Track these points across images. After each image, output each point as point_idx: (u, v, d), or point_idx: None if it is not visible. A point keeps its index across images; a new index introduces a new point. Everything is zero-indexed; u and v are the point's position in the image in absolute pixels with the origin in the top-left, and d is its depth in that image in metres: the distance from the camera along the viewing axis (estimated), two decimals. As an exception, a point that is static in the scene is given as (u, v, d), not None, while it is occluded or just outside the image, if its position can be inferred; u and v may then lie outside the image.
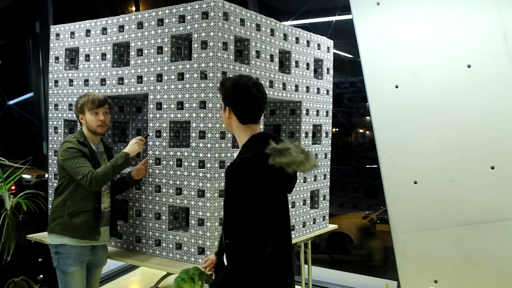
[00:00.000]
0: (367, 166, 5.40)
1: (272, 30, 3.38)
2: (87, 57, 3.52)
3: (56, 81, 3.73)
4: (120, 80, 3.33)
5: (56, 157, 3.70)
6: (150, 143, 3.17)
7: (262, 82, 3.28)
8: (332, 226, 4.13)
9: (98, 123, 3.00)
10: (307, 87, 3.76)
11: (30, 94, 5.13)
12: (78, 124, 3.30)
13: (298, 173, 2.15)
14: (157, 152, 3.13)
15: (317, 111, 3.88)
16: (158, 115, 3.14)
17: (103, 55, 3.44)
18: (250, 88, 2.08)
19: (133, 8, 6.23)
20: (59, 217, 2.91)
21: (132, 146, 3.03)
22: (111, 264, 4.98)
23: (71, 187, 2.92)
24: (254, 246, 1.88)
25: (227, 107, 2.13)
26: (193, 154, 2.97)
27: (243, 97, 2.09)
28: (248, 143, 2.08)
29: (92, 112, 2.99)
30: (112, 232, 3.14)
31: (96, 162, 2.96)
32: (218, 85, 2.23)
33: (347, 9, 4.28)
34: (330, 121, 4.08)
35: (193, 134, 2.97)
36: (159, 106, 3.14)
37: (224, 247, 2.08)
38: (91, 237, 2.93)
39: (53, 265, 2.98)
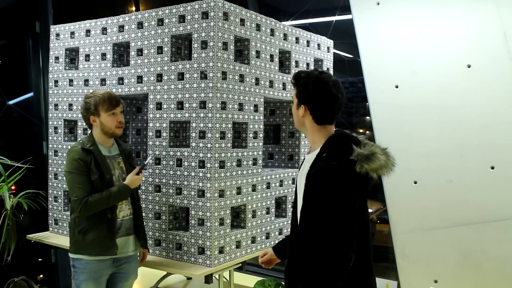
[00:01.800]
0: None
1: (272, 30, 3.38)
2: (87, 57, 3.52)
3: (56, 81, 3.73)
4: (120, 80, 3.33)
5: (56, 157, 3.70)
6: (150, 143, 3.17)
7: (262, 82, 3.29)
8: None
9: (116, 124, 2.74)
10: (307, 87, 3.76)
11: (30, 94, 5.14)
12: (77, 125, 3.29)
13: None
14: (157, 152, 3.13)
15: (317, 111, 3.87)
16: (158, 115, 3.13)
17: (103, 55, 3.44)
18: (331, 87, 1.92)
19: (133, 8, 6.23)
20: (73, 236, 2.70)
21: (133, 180, 2.74)
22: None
23: None
24: (338, 260, 1.76)
25: (302, 105, 1.96)
26: (193, 154, 2.97)
27: (323, 96, 1.92)
28: (329, 146, 1.92)
29: (109, 113, 2.72)
30: (140, 241, 2.88)
31: (106, 169, 2.70)
32: (293, 80, 2.00)
33: (347, 9, 4.28)
34: (330, 121, 4.07)
35: (193, 134, 2.97)
36: (159, 106, 3.14)
37: (297, 254, 1.93)
38: (108, 252, 2.68)
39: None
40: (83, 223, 2.65)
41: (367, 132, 5.38)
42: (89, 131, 2.85)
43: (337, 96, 1.94)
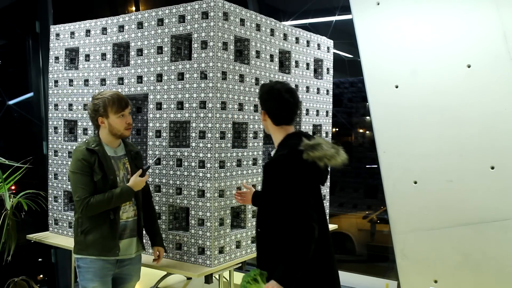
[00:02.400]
0: (367, 166, 5.39)
1: (272, 30, 3.38)
2: (87, 57, 3.52)
3: (56, 81, 3.73)
4: (120, 80, 3.33)
5: (56, 157, 3.70)
6: (150, 143, 3.17)
7: (262, 82, 3.29)
8: (332, 226, 4.13)
9: (125, 126, 2.70)
10: (307, 87, 3.76)
11: (30, 94, 5.13)
12: (79, 125, 3.28)
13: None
14: (157, 152, 3.13)
15: (317, 111, 3.88)
16: (158, 115, 3.13)
17: (103, 55, 3.44)
18: (283, 93, 2.31)
19: (133, 8, 6.23)
20: (76, 236, 2.69)
21: (137, 182, 2.69)
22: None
23: None
24: (303, 230, 2.08)
25: (262, 111, 2.38)
26: (193, 154, 2.97)
27: (275, 101, 2.32)
28: (283, 142, 2.31)
29: (118, 115, 2.67)
30: (142, 245, 2.83)
31: (110, 170, 2.65)
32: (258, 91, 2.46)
33: (347, 9, 4.28)
34: (330, 121, 4.08)
35: (193, 134, 2.97)
36: (159, 106, 3.14)
37: (260, 238, 2.31)
38: (110, 253, 2.64)
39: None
40: (85, 224, 2.63)
41: (367, 132, 5.38)
42: (92, 131, 2.83)
43: (289, 100, 2.31)
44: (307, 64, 3.76)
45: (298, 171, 2.16)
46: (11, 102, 5.08)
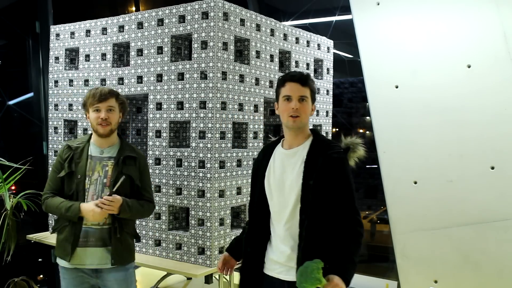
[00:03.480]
0: (367, 166, 5.40)
1: (272, 30, 3.38)
2: (87, 57, 3.52)
3: (56, 81, 3.73)
4: (120, 80, 3.33)
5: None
6: (150, 143, 3.17)
7: (262, 82, 3.29)
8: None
9: (98, 121, 2.48)
10: (307, 87, 3.76)
11: (30, 94, 5.13)
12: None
13: None
14: (157, 152, 3.13)
15: (317, 111, 3.88)
16: (158, 115, 3.13)
17: (103, 55, 3.44)
18: None
19: (133, 8, 6.23)
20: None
21: (88, 211, 2.38)
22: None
23: None
24: (362, 224, 2.15)
25: (313, 105, 2.23)
26: (193, 154, 2.97)
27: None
28: (321, 137, 2.22)
29: (93, 109, 2.50)
30: (114, 257, 2.48)
31: (80, 169, 2.47)
32: (309, 80, 2.17)
33: (347, 9, 4.28)
34: (330, 121, 4.08)
35: (193, 134, 2.97)
36: (159, 106, 3.14)
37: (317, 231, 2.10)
38: (66, 257, 2.46)
39: None
40: (57, 222, 2.55)
41: (367, 132, 5.38)
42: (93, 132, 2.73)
43: None
44: (307, 64, 3.76)
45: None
46: (11, 102, 5.08)
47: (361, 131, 5.49)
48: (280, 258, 2.14)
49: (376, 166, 4.14)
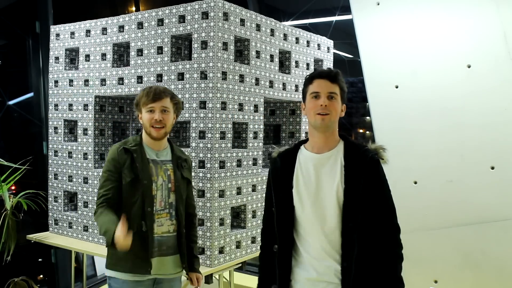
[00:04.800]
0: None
1: (272, 30, 3.38)
2: (87, 57, 3.52)
3: (56, 81, 3.73)
4: (120, 80, 3.33)
5: (56, 158, 3.70)
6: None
7: (262, 82, 3.29)
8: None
9: (152, 122, 2.31)
10: (307, 87, 3.76)
11: (30, 94, 5.13)
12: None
13: None
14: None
15: (317, 111, 3.87)
16: (158, 115, 3.13)
17: (103, 55, 3.44)
18: None
19: (133, 8, 6.23)
20: (108, 247, 2.27)
21: (120, 239, 2.10)
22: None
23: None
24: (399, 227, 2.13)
25: (344, 104, 2.03)
26: (193, 154, 2.97)
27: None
28: (351, 140, 2.04)
29: (147, 109, 2.32)
30: (183, 264, 2.42)
31: (145, 174, 2.28)
32: (339, 76, 1.98)
33: (347, 9, 4.28)
34: (330, 121, 4.07)
35: (193, 134, 2.97)
36: (159, 106, 3.13)
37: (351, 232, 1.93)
38: (141, 270, 2.27)
39: None
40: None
41: (367, 132, 5.38)
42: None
43: None
44: (307, 64, 3.76)
45: None
46: (11, 102, 5.08)
47: (361, 131, 5.48)
48: (313, 275, 1.92)
49: (376, 166, 4.12)
